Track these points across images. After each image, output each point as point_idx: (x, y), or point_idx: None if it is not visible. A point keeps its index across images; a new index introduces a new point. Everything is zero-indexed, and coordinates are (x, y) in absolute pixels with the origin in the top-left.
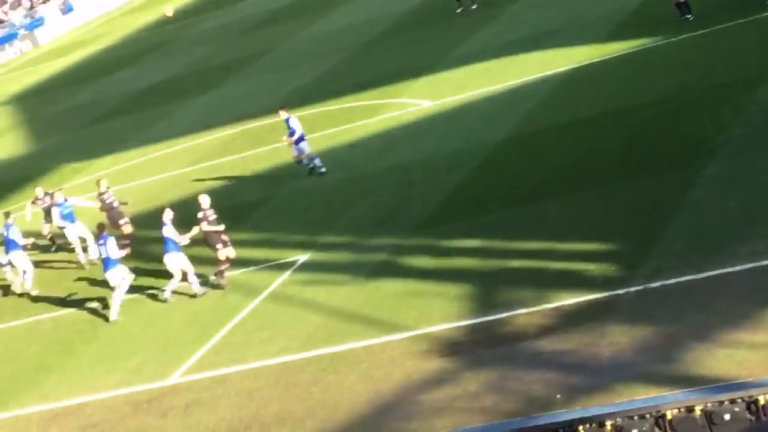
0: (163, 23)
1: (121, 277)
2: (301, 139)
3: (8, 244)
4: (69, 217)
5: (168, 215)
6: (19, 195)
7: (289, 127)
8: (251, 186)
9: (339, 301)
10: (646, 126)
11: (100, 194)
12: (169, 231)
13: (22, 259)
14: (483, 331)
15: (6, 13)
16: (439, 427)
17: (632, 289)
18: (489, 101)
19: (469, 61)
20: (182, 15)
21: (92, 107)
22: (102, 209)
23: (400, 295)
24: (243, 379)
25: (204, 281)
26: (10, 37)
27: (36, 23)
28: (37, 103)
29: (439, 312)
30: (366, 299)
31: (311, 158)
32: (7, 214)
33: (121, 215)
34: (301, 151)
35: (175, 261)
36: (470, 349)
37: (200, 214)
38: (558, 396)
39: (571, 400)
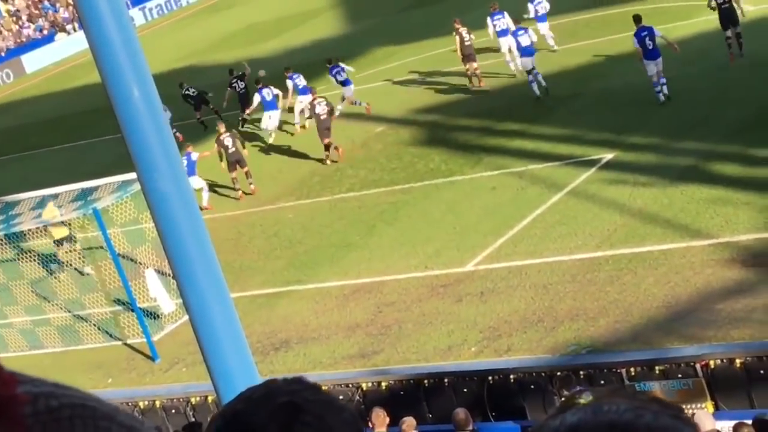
0: None
1: None
2: None
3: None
4: None
5: None
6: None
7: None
8: (561, 80)
9: (642, 202)
10: None
11: None
12: None
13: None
14: None
15: None
16: (735, 338)
17: None
18: None
19: None
20: None
21: None
22: None
23: (705, 201)
24: (539, 272)
25: None
26: None
27: None
28: None
29: (746, 221)
30: (670, 202)
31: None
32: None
33: None
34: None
35: None
36: None
37: None
38: None
39: None
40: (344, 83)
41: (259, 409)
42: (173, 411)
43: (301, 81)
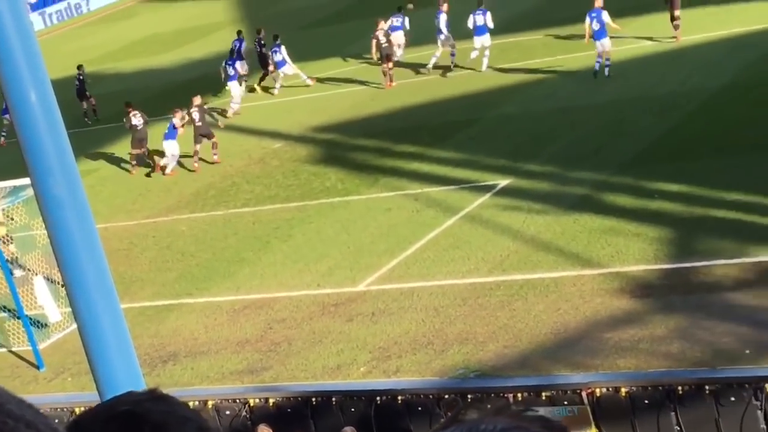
0: None
1: None
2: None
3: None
4: None
5: None
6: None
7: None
8: (460, 106)
9: (535, 229)
10: None
11: None
12: None
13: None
14: (678, 277)
15: None
16: (621, 367)
17: None
18: (710, 47)
19: (693, 4)
20: None
21: (312, 11)
22: None
23: (597, 231)
24: (430, 294)
25: None
26: None
27: None
28: (258, 2)
29: (635, 252)
30: (562, 231)
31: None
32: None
33: None
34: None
35: None
36: (663, 293)
37: None
38: (747, 351)
39: (761, 357)
40: (278, 64)
41: (97, 419)
42: (56, 420)
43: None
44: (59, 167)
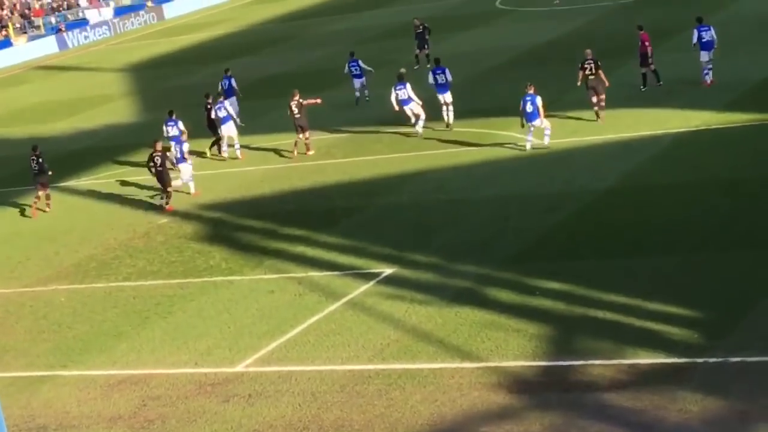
0: (289, 18)
1: None
2: None
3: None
4: None
5: None
6: (123, 160)
7: None
8: (348, 192)
9: (416, 319)
10: (754, 201)
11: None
12: None
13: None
14: (555, 375)
15: None
16: None
17: (711, 359)
18: (598, 149)
19: (584, 107)
20: (311, 13)
21: (205, 88)
22: None
23: (478, 325)
24: (309, 379)
25: None
26: (137, 8)
27: None
28: (153, 76)
29: (515, 348)
30: (444, 322)
31: None
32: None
33: None
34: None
35: None
36: (539, 390)
37: None
38: None
39: None
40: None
41: None
42: None
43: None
44: None
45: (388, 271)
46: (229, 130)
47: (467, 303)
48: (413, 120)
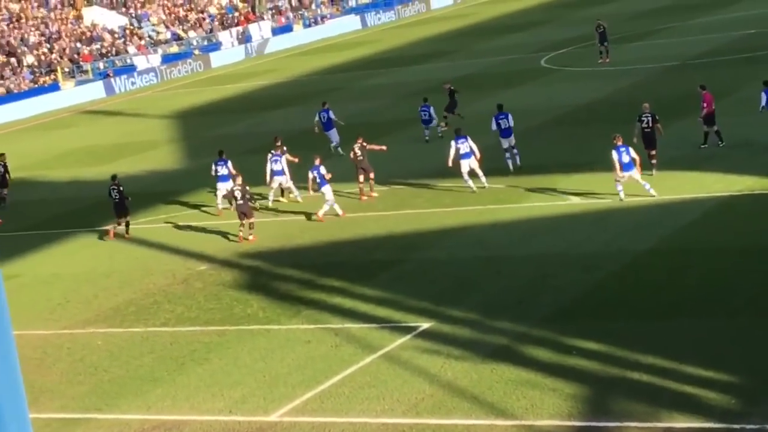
0: (333, 71)
1: None
2: None
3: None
4: None
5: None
6: (164, 206)
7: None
8: (387, 245)
9: (452, 374)
10: None
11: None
12: None
13: None
14: None
15: (186, 32)
16: None
17: (748, 426)
18: (639, 210)
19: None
20: (355, 66)
21: (249, 138)
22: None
23: (513, 382)
24: (342, 431)
25: None
26: (184, 56)
27: (212, 47)
28: (198, 123)
29: (550, 407)
30: (479, 379)
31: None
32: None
33: None
34: None
35: None
36: None
37: None
38: None
39: None
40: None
41: None
42: None
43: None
44: None
45: (424, 325)
46: (281, 181)
47: (503, 360)
48: (466, 175)
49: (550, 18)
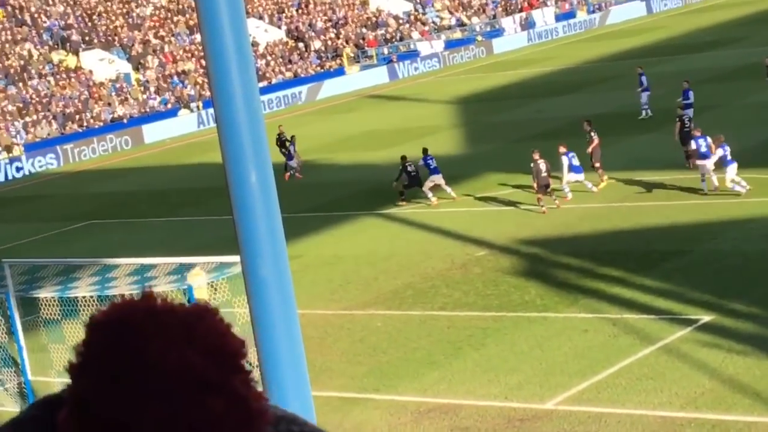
0: (616, 58)
1: None
2: None
3: None
4: None
5: None
6: (443, 190)
7: None
8: (668, 235)
9: (734, 370)
10: None
11: None
12: None
13: None
14: None
15: (469, 18)
16: None
17: None
18: None
19: None
20: (640, 53)
21: (530, 124)
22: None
23: None
24: (618, 422)
25: None
26: (467, 41)
27: (494, 33)
28: (478, 109)
29: None
30: (762, 375)
31: None
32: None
33: None
34: None
35: None
36: None
37: None
38: None
39: None
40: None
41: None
42: None
43: (575, 160)
44: (270, 250)
45: (705, 318)
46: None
47: None
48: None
49: None
